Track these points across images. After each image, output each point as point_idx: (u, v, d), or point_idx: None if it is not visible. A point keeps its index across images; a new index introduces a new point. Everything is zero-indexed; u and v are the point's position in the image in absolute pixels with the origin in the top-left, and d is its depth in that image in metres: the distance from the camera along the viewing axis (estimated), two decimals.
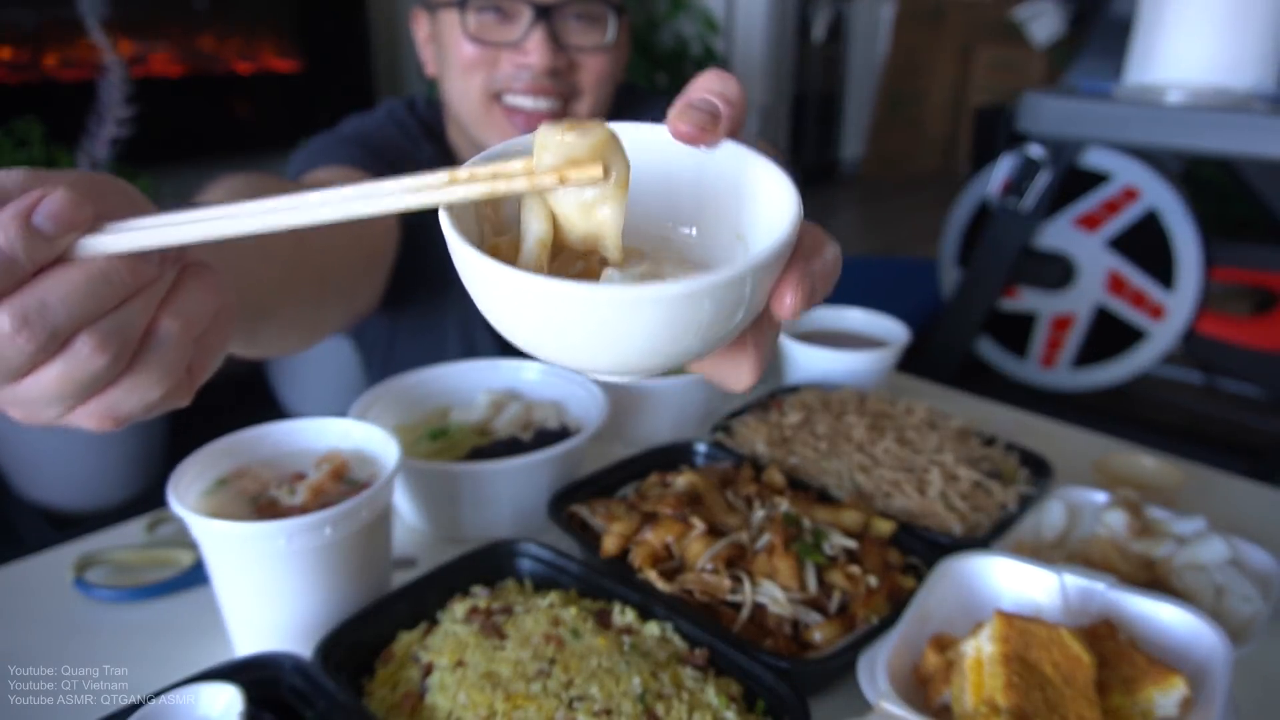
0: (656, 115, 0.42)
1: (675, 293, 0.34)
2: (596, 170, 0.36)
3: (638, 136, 0.41)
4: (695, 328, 0.36)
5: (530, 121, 1.01)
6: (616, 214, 0.38)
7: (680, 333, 0.36)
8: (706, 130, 0.40)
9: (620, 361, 0.38)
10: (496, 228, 0.41)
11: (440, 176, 0.37)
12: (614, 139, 0.37)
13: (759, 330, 0.41)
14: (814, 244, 0.40)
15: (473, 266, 0.36)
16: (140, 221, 0.37)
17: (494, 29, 1.00)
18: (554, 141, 0.36)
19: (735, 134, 0.42)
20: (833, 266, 0.41)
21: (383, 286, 1.02)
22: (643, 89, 1.33)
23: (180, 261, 0.40)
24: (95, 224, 0.36)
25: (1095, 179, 2.31)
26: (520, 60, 0.99)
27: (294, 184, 0.90)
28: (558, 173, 0.36)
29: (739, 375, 0.43)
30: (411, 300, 1.16)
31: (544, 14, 0.98)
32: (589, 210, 0.38)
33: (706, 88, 0.41)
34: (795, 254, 0.39)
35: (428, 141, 1.14)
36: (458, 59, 1.02)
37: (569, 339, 0.36)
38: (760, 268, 0.36)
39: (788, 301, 0.39)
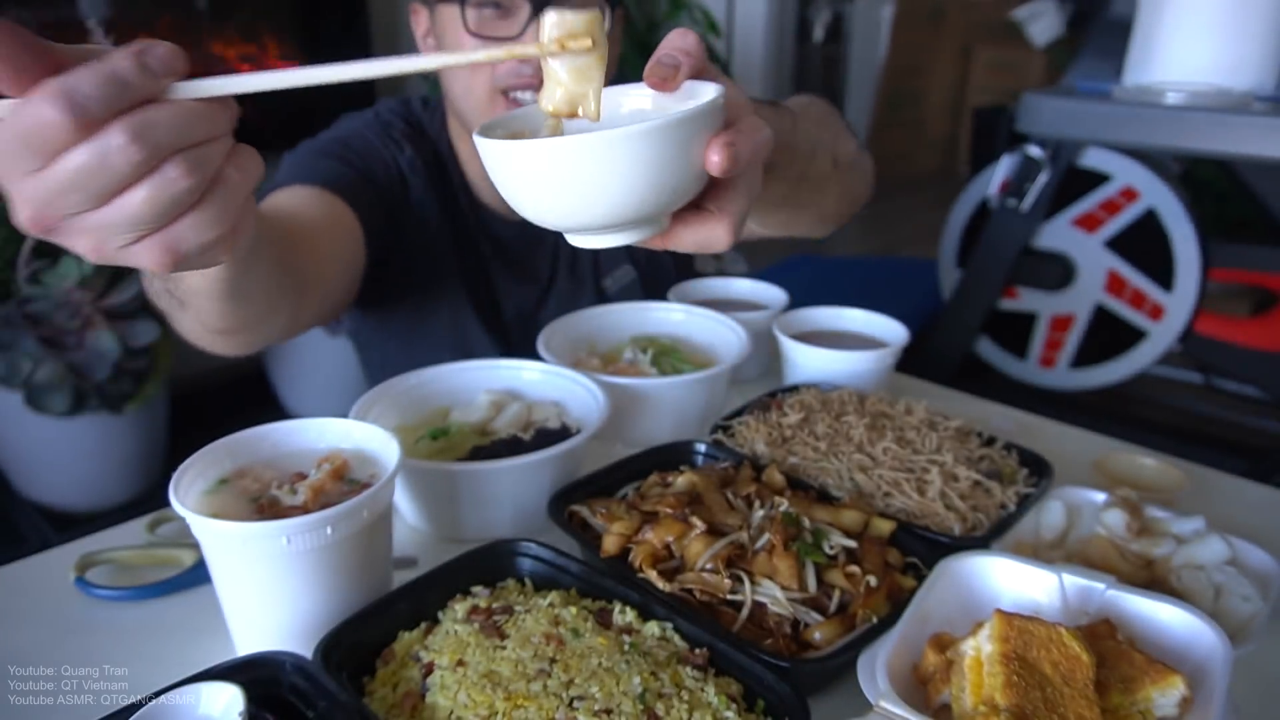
0: None
1: (619, 134, 0.47)
2: (587, 41, 0.50)
3: (628, 91, 0.58)
4: (645, 170, 0.49)
5: None
6: (599, 75, 0.52)
7: (633, 176, 0.49)
8: (668, 80, 0.53)
9: (594, 207, 0.51)
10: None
11: (473, 54, 0.49)
12: (600, 19, 0.50)
13: (718, 198, 0.55)
14: (741, 117, 0.54)
15: (487, 151, 0.51)
16: (217, 80, 0.44)
17: (494, 24, 1.02)
18: (556, 21, 0.50)
19: (697, 76, 0.55)
20: (761, 139, 0.54)
21: (356, 284, 1.07)
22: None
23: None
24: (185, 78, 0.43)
25: (1094, 179, 2.31)
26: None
27: None
28: (559, 42, 0.50)
29: (716, 237, 0.55)
30: (401, 301, 1.19)
31: (541, 7, 0.99)
32: (581, 74, 0.51)
33: (670, 45, 0.54)
34: (725, 125, 0.52)
35: (410, 143, 1.16)
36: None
37: (549, 189, 0.50)
38: (680, 122, 0.49)
39: (714, 159, 0.50)
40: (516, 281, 1.22)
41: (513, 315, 1.23)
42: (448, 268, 1.18)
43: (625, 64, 1.28)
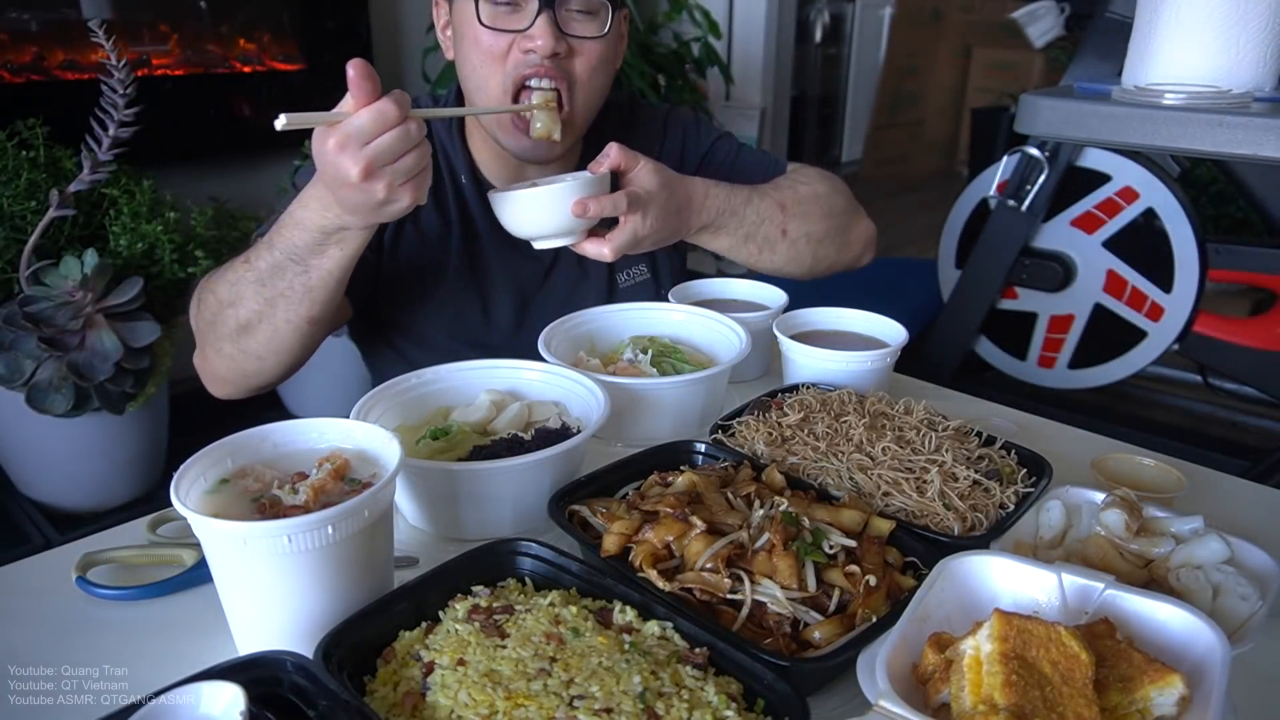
0: (653, 134, 0.97)
1: (545, 190, 1.05)
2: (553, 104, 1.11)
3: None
4: (554, 211, 1.05)
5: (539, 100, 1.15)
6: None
7: (551, 214, 1.05)
8: (595, 167, 1.11)
9: (541, 228, 1.08)
10: None
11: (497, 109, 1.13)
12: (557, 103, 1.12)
13: (611, 230, 1.08)
14: (633, 183, 1.10)
15: (501, 200, 1.09)
16: (429, 110, 1.09)
17: (505, 18, 1.10)
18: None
19: (628, 169, 1.11)
20: (610, 205, 1.05)
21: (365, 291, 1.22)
22: (643, 103, 1.43)
23: None
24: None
25: (1094, 180, 2.31)
26: (527, 45, 1.09)
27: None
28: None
29: (600, 250, 1.08)
30: (403, 287, 1.24)
31: (549, 3, 1.08)
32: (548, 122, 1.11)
33: (606, 156, 1.11)
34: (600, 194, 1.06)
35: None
36: (474, 48, 1.12)
37: (520, 218, 1.08)
38: (567, 187, 1.05)
39: (578, 209, 1.04)
40: (518, 257, 1.26)
41: (512, 290, 1.26)
42: (446, 247, 1.23)
43: (629, 68, 1.31)
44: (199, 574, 0.76)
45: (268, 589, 0.64)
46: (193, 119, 2.77)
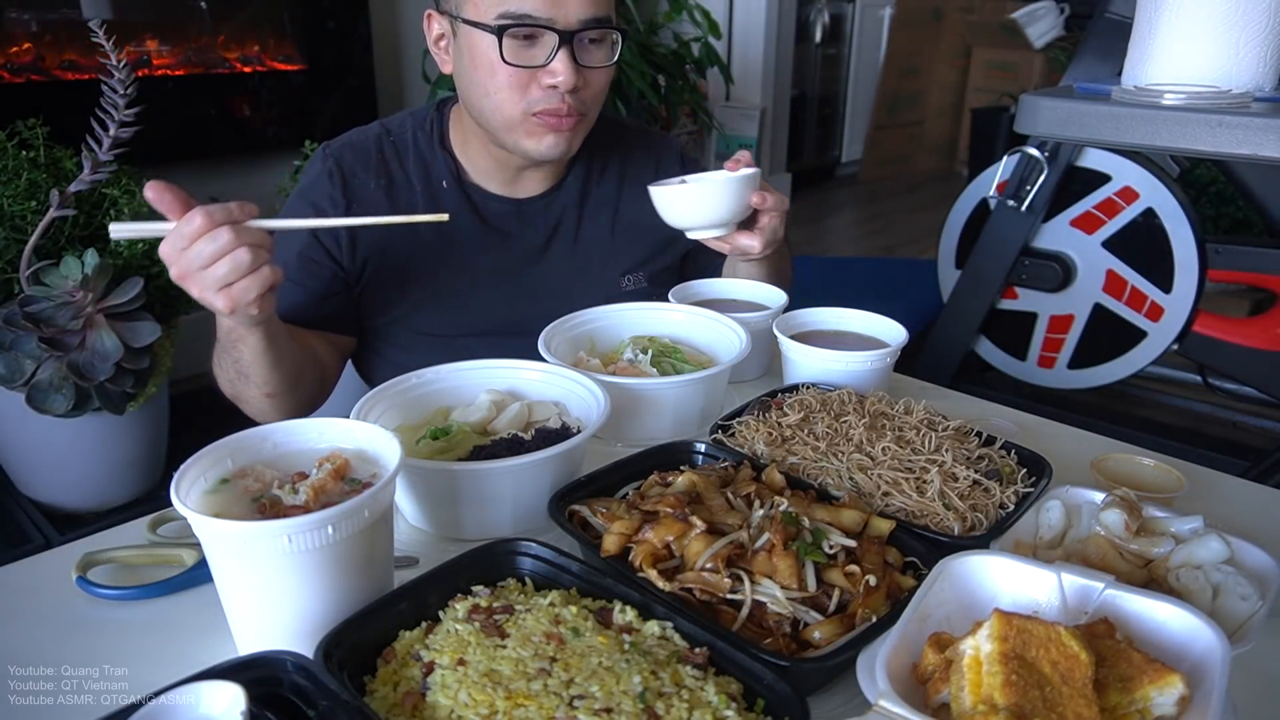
0: (664, 159, 1.26)
1: (721, 179, 1.16)
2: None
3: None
4: (726, 201, 1.15)
5: (561, 124, 1.16)
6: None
7: (721, 203, 1.16)
8: (735, 165, 1.20)
9: (710, 216, 1.17)
10: None
11: None
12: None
13: (758, 225, 1.20)
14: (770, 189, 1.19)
15: (656, 194, 1.19)
16: (266, 221, 0.87)
17: (525, 53, 1.11)
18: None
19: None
20: (782, 198, 1.19)
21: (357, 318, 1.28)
22: (653, 131, 1.50)
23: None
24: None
25: (1093, 180, 2.32)
26: (548, 81, 1.12)
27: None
28: None
29: (751, 244, 1.19)
30: (380, 318, 1.27)
31: (568, 39, 1.10)
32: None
33: (739, 156, 1.21)
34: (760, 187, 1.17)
35: (374, 175, 1.25)
36: (493, 79, 1.13)
37: (685, 212, 1.18)
38: (746, 177, 1.15)
39: (757, 200, 1.17)
40: (505, 255, 1.29)
41: (499, 279, 1.28)
42: (425, 253, 1.25)
43: (629, 68, 1.32)
44: (199, 574, 0.76)
45: (268, 589, 0.64)
46: (193, 119, 2.77)
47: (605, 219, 1.35)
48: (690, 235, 1.20)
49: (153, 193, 0.84)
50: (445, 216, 0.94)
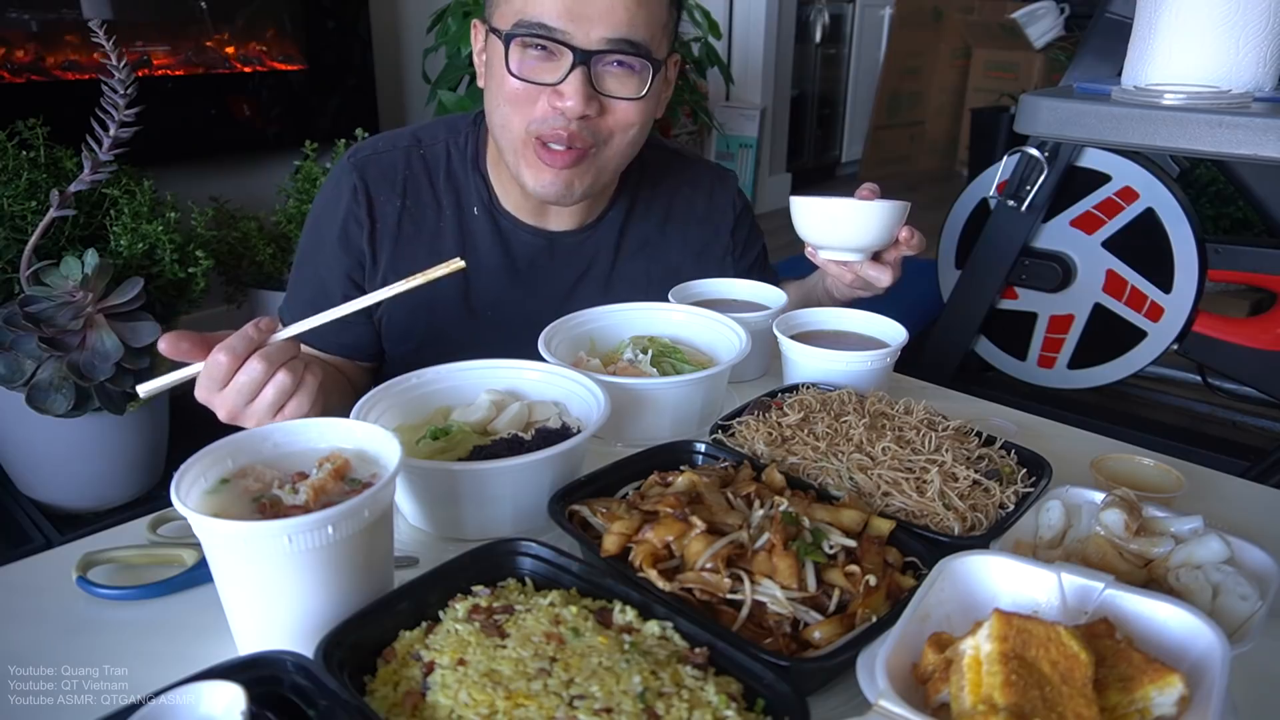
0: (694, 188, 1.18)
1: (880, 204, 1.11)
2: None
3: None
4: (878, 227, 1.12)
5: (558, 160, 1.06)
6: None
7: (873, 227, 1.12)
8: (869, 195, 1.16)
9: (855, 240, 1.14)
10: None
11: None
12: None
13: (890, 259, 1.17)
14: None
15: (801, 203, 1.16)
16: (290, 328, 0.85)
17: (537, 68, 1.03)
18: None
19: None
20: (923, 239, 1.17)
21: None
22: (713, 166, 1.40)
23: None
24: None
25: (1093, 180, 2.32)
26: (557, 102, 1.03)
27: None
28: None
29: (882, 277, 1.17)
30: (397, 348, 1.24)
31: (584, 59, 1.00)
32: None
33: (866, 188, 1.17)
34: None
35: (399, 194, 1.19)
36: (501, 91, 1.06)
37: (829, 230, 1.15)
38: (902, 206, 1.13)
39: (903, 234, 1.15)
40: (529, 297, 1.23)
41: (515, 321, 1.22)
42: (449, 282, 1.18)
43: None
44: (199, 574, 0.76)
45: (268, 589, 0.64)
46: (193, 119, 2.77)
47: (642, 262, 1.27)
48: (822, 255, 1.17)
49: (168, 345, 0.80)
50: (462, 264, 0.85)
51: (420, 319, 1.21)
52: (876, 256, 1.17)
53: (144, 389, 0.81)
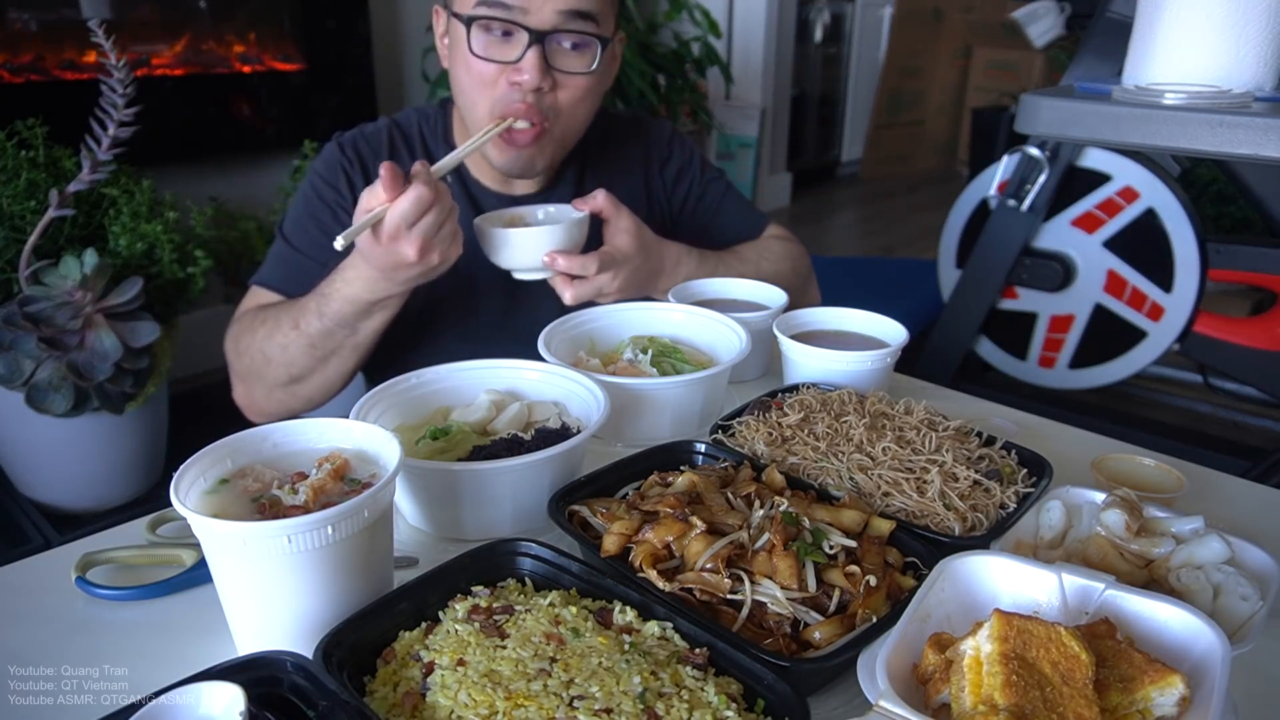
0: (653, 143, 1.21)
1: (523, 232, 1.14)
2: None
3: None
4: (532, 252, 1.13)
5: (519, 139, 1.18)
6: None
7: (529, 254, 1.13)
8: (584, 204, 1.20)
9: (519, 264, 1.15)
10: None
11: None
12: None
13: (580, 278, 1.14)
14: (614, 247, 1.18)
15: (482, 233, 1.15)
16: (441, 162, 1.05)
17: (496, 46, 1.13)
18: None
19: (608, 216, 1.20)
20: (579, 265, 1.13)
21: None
22: (644, 117, 1.48)
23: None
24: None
25: (1094, 180, 2.32)
26: (515, 78, 1.13)
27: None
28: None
29: (564, 294, 1.14)
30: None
31: (539, 39, 1.11)
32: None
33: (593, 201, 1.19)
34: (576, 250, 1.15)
35: (359, 164, 1.29)
36: (466, 73, 1.16)
37: (502, 253, 1.14)
38: (549, 233, 1.13)
39: (548, 260, 1.12)
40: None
41: (499, 278, 1.27)
42: None
43: (629, 68, 1.33)
44: (199, 574, 0.76)
45: (268, 589, 0.64)
46: (193, 119, 2.77)
47: None
48: (515, 276, 1.17)
49: (386, 172, 0.94)
50: (511, 120, 1.14)
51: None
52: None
53: (342, 238, 0.93)
